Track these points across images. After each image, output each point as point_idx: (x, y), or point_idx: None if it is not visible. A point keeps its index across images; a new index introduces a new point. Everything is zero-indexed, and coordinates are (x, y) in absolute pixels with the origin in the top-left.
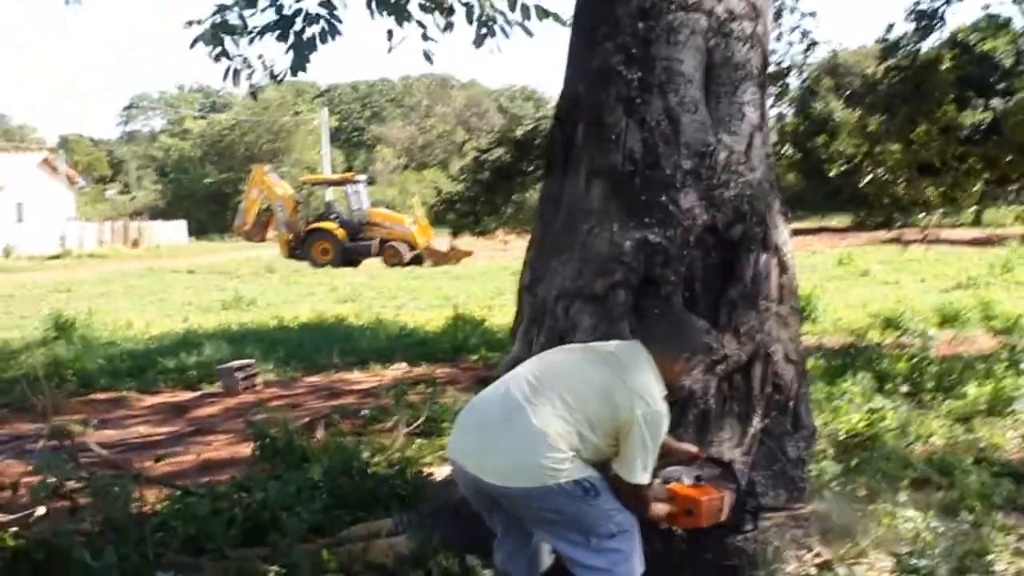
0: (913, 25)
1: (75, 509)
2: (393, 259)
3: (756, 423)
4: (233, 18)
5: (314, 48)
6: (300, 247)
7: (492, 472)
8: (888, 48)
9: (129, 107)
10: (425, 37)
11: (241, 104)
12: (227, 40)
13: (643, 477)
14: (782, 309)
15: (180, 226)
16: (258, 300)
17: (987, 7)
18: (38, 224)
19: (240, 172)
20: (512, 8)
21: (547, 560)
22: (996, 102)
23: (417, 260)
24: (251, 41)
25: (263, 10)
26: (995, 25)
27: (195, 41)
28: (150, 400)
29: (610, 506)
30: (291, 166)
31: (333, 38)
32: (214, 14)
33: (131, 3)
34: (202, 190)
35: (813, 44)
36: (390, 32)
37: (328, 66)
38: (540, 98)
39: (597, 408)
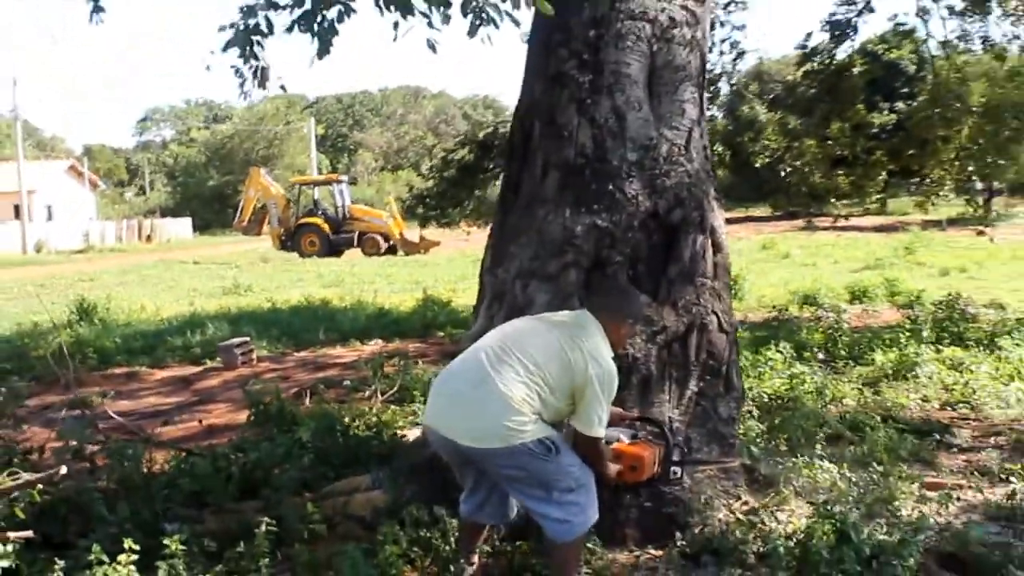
0: (828, 34)
1: (93, 469)
2: (371, 249)
3: (692, 386)
4: (260, 21)
5: (335, 32)
6: (290, 240)
7: (464, 435)
8: (806, 55)
9: (144, 119)
10: (430, 25)
11: (239, 115)
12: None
13: (599, 430)
14: (716, 284)
15: (186, 223)
16: (254, 286)
17: (894, 17)
18: (65, 223)
19: (239, 175)
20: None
21: (512, 511)
22: (900, 105)
23: (392, 250)
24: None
25: (288, 8)
26: (901, 35)
27: (227, 45)
28: (160, 374)
29: (569, 462)
30: (283, 169)
31: (349, 16)
32: (242, 18)
33: (145, 26)
34: (206, 191)
35: (742, 54)
36: (396, 24)
37: (316, 80)
38: (499, 106)
39: (556, 372)
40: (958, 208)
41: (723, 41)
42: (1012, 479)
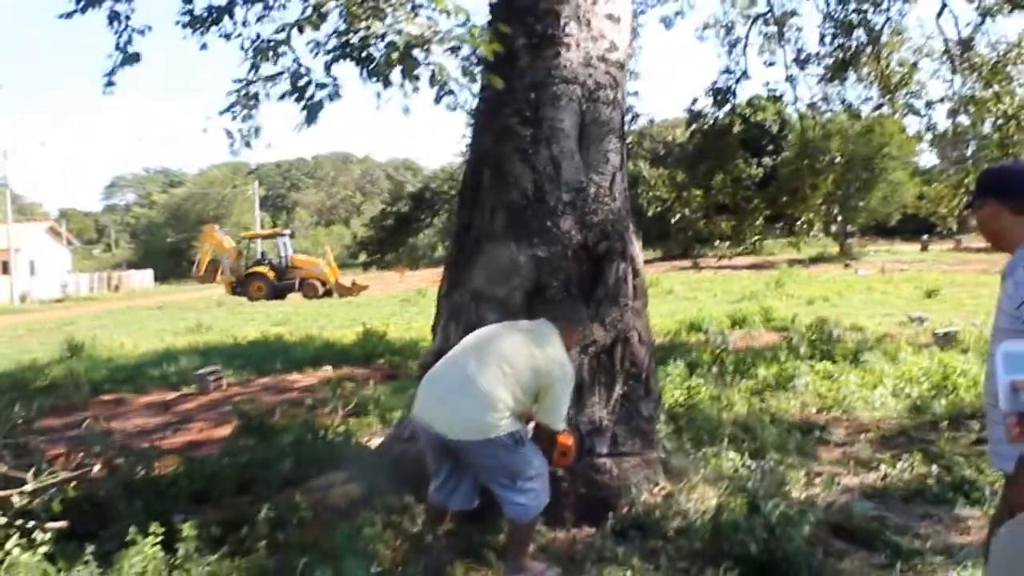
0: (711, 99)
1: (113, 471)
2: (311, 293)
3: (618, 390)
4: (259, 91)
5: (322, 107)
6: (241, 286)
7: (450, 429)
8: (693, 116)
9: (110, 186)
10: (406, 96)
11: (192, 180)
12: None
13: (561, 424)
14: (636, 304)
15: (149, 274)
16: (214, 326)
17: (767, 84)
18: (46, 276)
19: (192, 232)
20: (464, 75)
21: (476, 499)
22: (766, 160)
23: (328, 293)
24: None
25: (280, 79)
26: (772, 98)
27: (228, 108)
28: (143, 399)
29: (530, 453)
30: (231, 226)
31: (339, 97)
32: (242, 87)
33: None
34: (165, 247)
35: (636, 116)
36: (378, 94)
37: (257, 149)
38: (418, 168)
39: (526, 374)
40: (818, 248)
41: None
42: (881, 466)
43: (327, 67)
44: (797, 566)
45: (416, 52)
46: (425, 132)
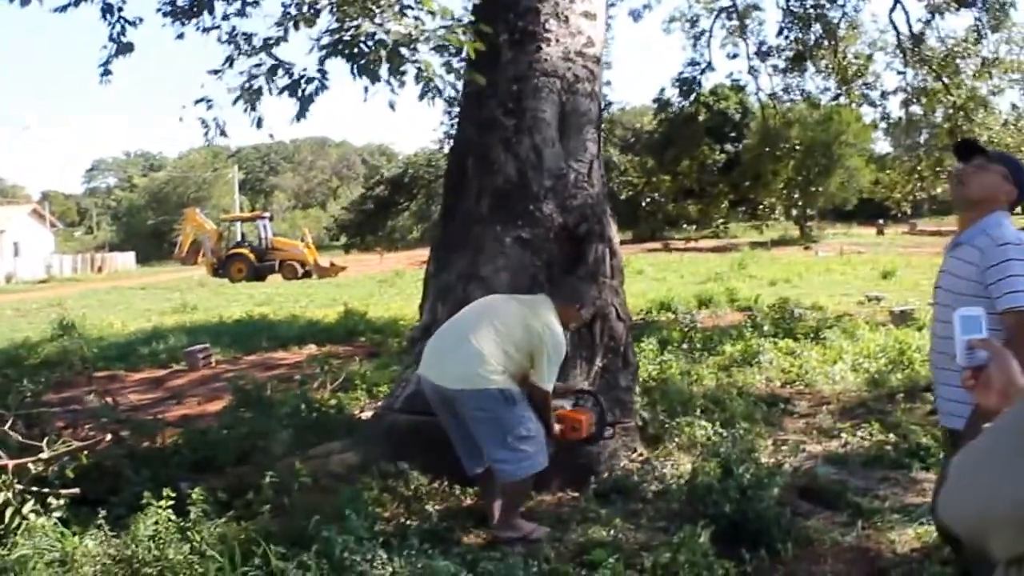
0: (678, 90)
1: (119, 441)
2: (290, 274)
3: (598, 363)
4: (263, 85)
5: (312, 101)
6: (222, 268)
7: (445, 378)
8: (661, 105)
9: (91, 169)
10: (392, 92)
11: (172, 164)
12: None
13: (549, 385)
14: (614, 282)
15: (131, 256)
16: (198, 306)
17: (731, 75)
18: (30, 258)
19: (173, 215)
20: (448, 71)
21: (482, 463)
22: (728, 147)
23: (307, 275)
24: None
25: (280, 75)
26: (735, 88)
27: (236, 99)
28: (135, 376)
29: (524, 413)
30: (211, 209)
31: (325, 90)
32: (248, 81)
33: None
34: (146, 229)
35: (608, 104)
36: (366, 88)
37: (238, 132)
38: (392, 153)
39: (519, 335)
40: (779, 231)
41: None
42: (842, 435)
43: (320, 63)
44: (768, 524)
45: (403, 50)
46: (399, 119)
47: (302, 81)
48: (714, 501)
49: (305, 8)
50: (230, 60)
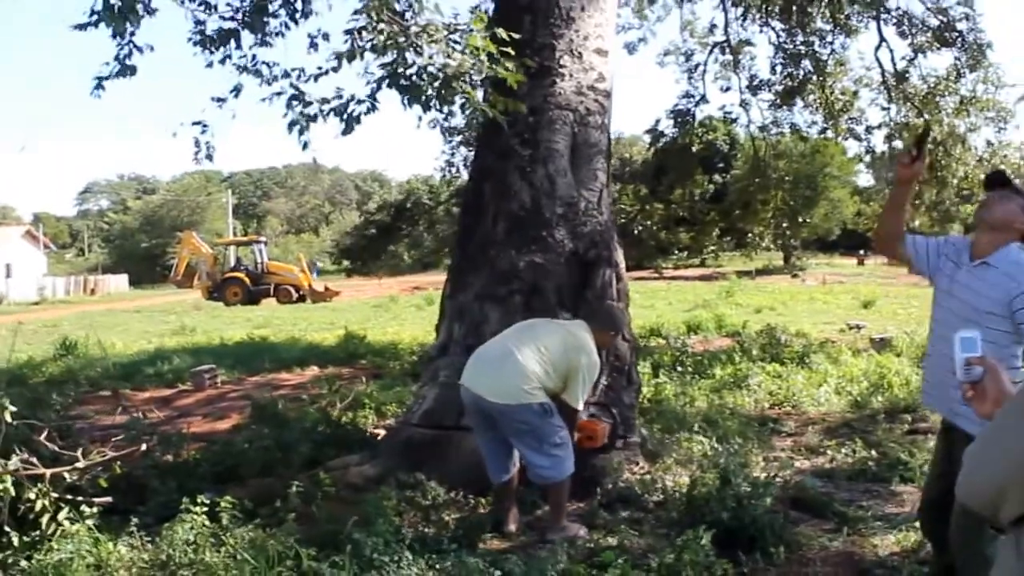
0: (672, 121)
1: (149, 453)
2: (285, 299)
3: (604, 380)
4: (317, 112)
5: (359, 121)
6: (217, 291)
7: (489, 392)
8: (655, 136)
9: (84, 191)
10: (444, 116)
11: (165, 187)
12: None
13: (580, 404)
14: (619, 304)
15: (124, 279)
16: (197, 328)
17: (723, 107)
18: (22, 279)
19: (167, 238)
20: (484, 102)
21: (510, 469)
22: (717, 177)
23: (301, 299)
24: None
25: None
26: (727, 120)
27: (291, 126)
28: (142, 395)
29: (558, 423)
30: (205, 233)
31: (374, 111)
32: (298, 105)
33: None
34: (139, 252)
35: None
36: (420, 116)
37: (230, 157)
38: (385, 179)
39: (558, 356)
40: (763, 261)
41: None
42: (828, 452)
43: (372, 93)
44: (762, 529)
45: (454, 83)
46: (391, 146)
47: (351, 104)
48: (712, 509)
49: (361, 43)
50: (237, 89)
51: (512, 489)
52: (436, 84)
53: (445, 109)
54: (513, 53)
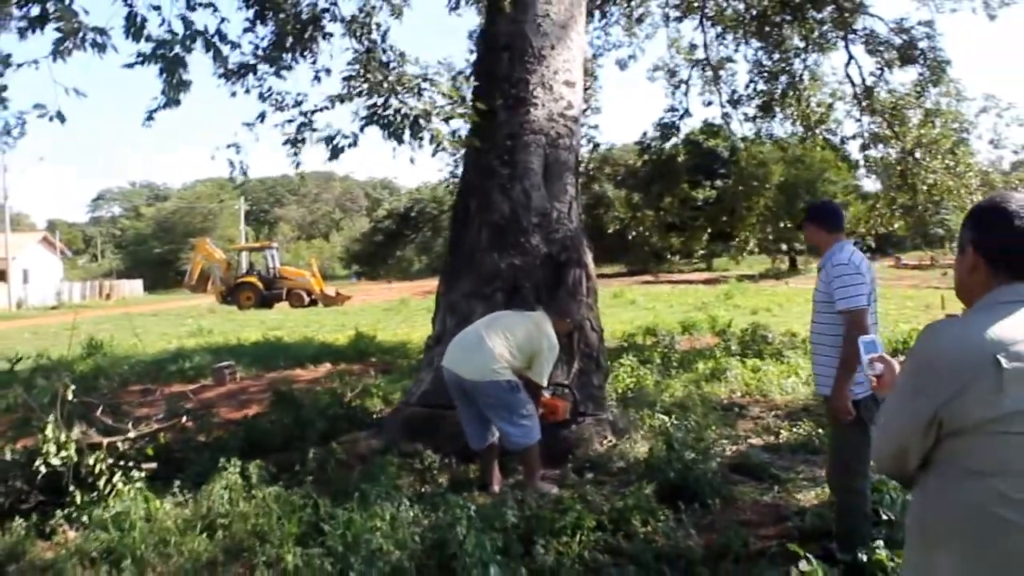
0: (659, 133)
1: (183, 429)
2: (297, 303)
3: (576, 365)
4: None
5: (343, 151)
6: (231, 295)
7: (465, 372)
8: (643, 147)
9: (97, 198)
10: (412, 151)
11: (178, 194)
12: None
13: (544, 380)
14: (589, 300)
15: (138, 283)
16: (214, 330)
17: (707, 120)
18: (39, 284)
19: (179, 244)
20: (453, 136)
21: (488, 438)
22: (719, 183)
23: (313, 303)
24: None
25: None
26: (713, 130)
27: (286, 142)
28: (168, 390)
29: (524, 398)
30: (217, 239)
31: (355, 146)
32: (299, 129)
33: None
34: (152, 257)
35: (596, 146)
36: (394, 148)
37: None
38: (395, 187)
39: (523, 341)
40: (766, 265)
41: (582, 137)
42: (782, 431)
43: (361, 129)
44: (703, 486)
45: (421, 121)
46: (401, 156)
47: (336, 137)
48: (661, 470)
49: (350, 89)
50: (262, 115)
51: (494, 455)
52: (407, 123)
53: (415, 143)
54: (471, 99)
